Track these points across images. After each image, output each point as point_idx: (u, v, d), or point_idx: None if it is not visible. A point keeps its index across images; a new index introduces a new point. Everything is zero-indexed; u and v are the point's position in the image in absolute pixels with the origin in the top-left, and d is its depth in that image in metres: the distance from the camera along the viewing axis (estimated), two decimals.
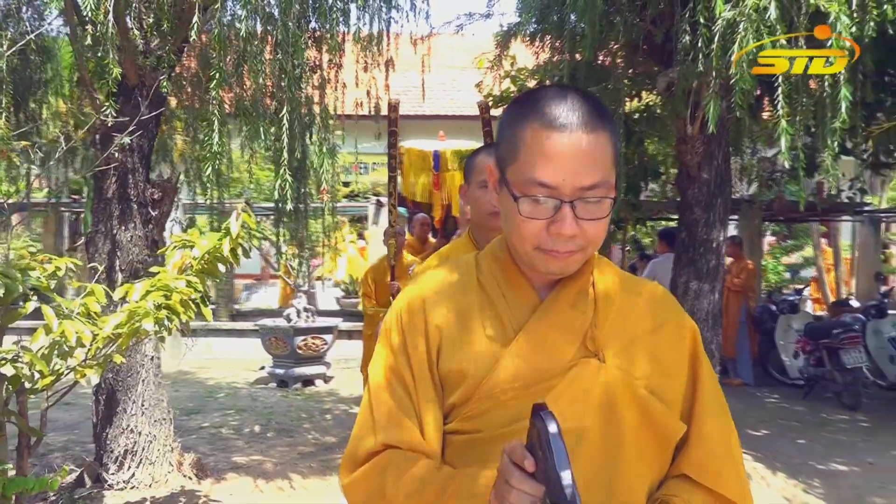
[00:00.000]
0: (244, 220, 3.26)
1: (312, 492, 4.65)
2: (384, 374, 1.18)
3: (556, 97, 1.09)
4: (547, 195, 1.06)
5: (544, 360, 1.11)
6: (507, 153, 1.12)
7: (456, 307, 1.19)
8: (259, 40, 3.97)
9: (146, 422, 4.36)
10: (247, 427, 6.41)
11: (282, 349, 8.26)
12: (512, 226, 1.12)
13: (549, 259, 1.10)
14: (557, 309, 1.15)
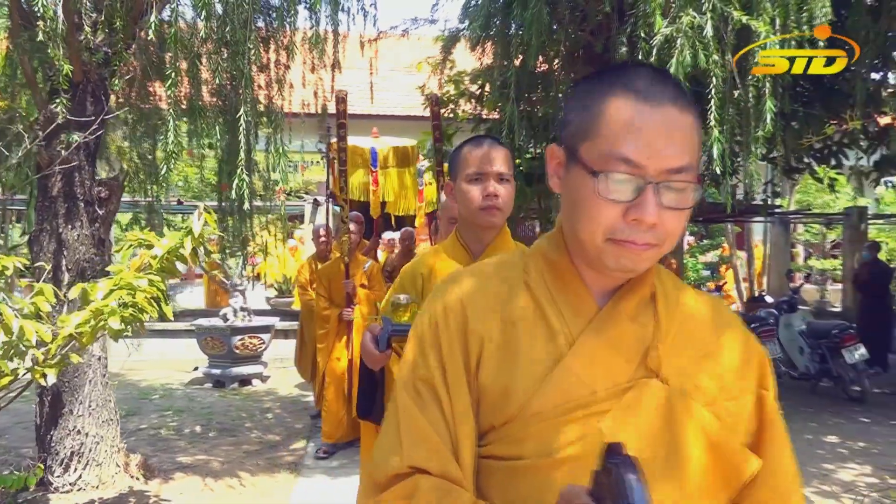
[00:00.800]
0: (206, 219, 3.31)
1: (262, 489, 4.69)
2: (413, 386, 1.03)
3: (645, 71, 0.98)
4: (630, 173, 0.92)
5: (599, 379, 0.97)
6: (583, 128, 0.98)
7: (501, 315, 1.04)
8: (213, 41, 3.98)
9: (93, 423, 4.30)
10: (187, 427, 6.35)
11: (218, 349, 8.17)
12: (581, 211, 0.97)
13: (621, 251, 0.95)
14: (616, 320, 1.01)
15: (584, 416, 0.95)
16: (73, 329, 2.99)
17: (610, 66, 1.05)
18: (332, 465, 5.19)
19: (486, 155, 1.99)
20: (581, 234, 0.99)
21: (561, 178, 1.04)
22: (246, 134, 3.75)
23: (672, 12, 3.75)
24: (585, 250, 1.00)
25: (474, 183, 1.98)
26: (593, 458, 0.82)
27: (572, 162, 0.99)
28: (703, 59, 3.60)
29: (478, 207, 1.97)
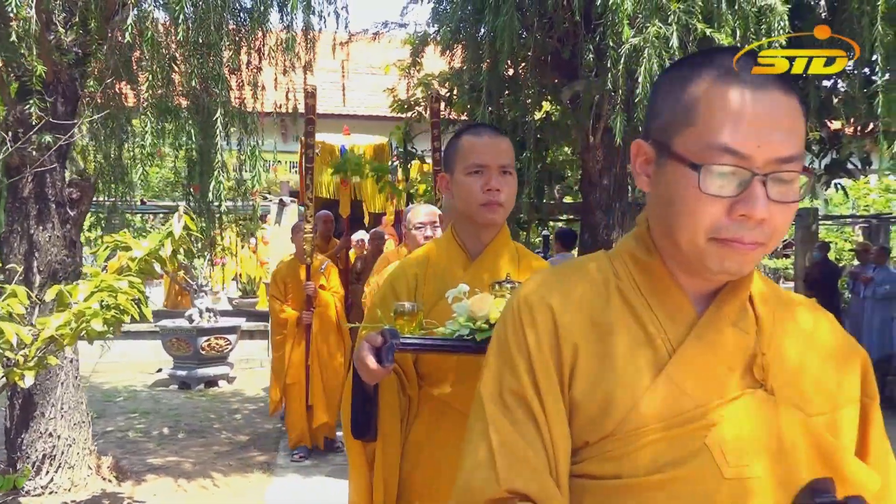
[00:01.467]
0: (186, 222, 3.34)
1: (235, 489, 4.71)
2: (501, 398, 0.94)
3: (737, 52, 0.91)
4: (735, 164, 0.85)
5: (702, 390, 0.89)
6: (677, 119, 0.90)
7: (593, 320, 0.95)
8: (188, 43, 4.00)
9: (65, 425, 4.28)
10: (155, 429, 6.32)
11: (184, 350, 8.12)
12: (679, 209, 0.89)
13: (726, 252, 0.87)
14: (719, 327, 0.93)
15: (689, 431, 0.88)
16: (54, 331, 3.00)
17: (700, 51, 1.01)
18: (305, 464, 5.22)
19: (488, 145, 1.79)
20: (679, 234, 0.90)
21: (650, 176, 0.96)
22: (225, 136, 3.78)
23: (638, 23, 3.90)
24: (683, 252, 0.92)
25: (474, 176, 1.77)
26: (698, 477, 0.80)
27: (664, 156, 0.92)
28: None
29: (478, 203, 1.77)
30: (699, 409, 0.88)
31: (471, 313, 1.55)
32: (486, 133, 1.85)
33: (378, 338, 1.57)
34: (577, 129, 5.30)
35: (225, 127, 3.85)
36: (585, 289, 0.98)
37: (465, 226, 1.87)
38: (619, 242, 1.06)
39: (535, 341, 0.94)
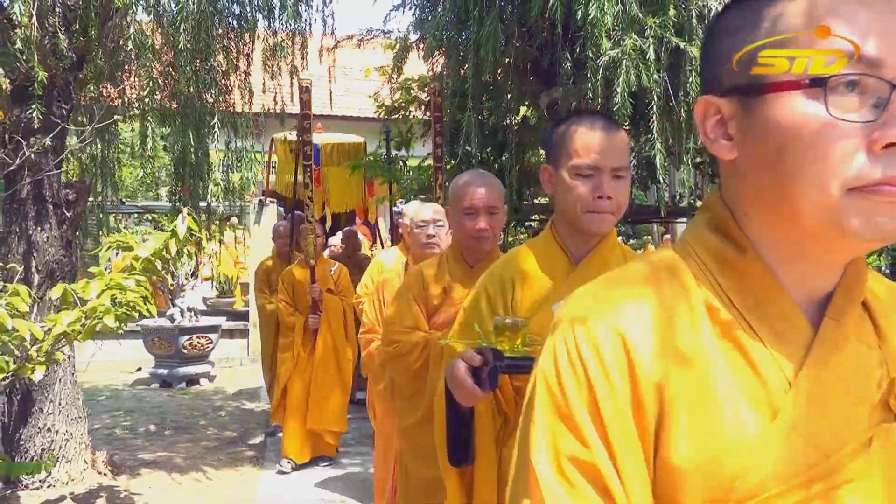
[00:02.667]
0: (189, 223, 3.49)
1: (227, 483, 4.85)
2: (559, 466, 0.68)
3: None
4: (867, 73, 0.64)
5: (828, 433, 0.67)
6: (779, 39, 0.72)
7: (679, 349, 0.69)
8: (186, 49, 4.14)
9: (63, 420, 4.39)
10: (141, 427, 6.42)
11: (166, 349, 8.20)
12: (798, 158, 0.65)
13: (876, 205, 0.63)
14: (842, 344, 0.71)
15: (820, 493, 0.66)
16: (66, 327, 3.14)
17: None
18: None
19: (602, 141, 1.56)
20: (799, 196, 0.66)
21: (734, 134, 0.73)
22: (216, 138, 3.92)
23: (615, 35, 4.14)
24: (804, 226, 0.68)
25: (582, 178, 1.56)
26: None
27: (756, 96, 0.70)
28: (646, 78, 4.01)
29: (584, 209, 1.57)
30: (828, 460, 0.66)
31: None
32: (600, 125, 1.58)
33: (476, 357, 1.42)
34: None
35: (221, 129, 4.00)
36: (661, 302, 0.72)
37: (567, 227, 1.65)
38: (690, 235, 0.79)
39: (607, 391, 0.68)
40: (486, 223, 2.27)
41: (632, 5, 4.03)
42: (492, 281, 1.70)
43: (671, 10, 4.18)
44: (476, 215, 2.27)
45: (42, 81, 3.83)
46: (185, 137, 4.56)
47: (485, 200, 2.25)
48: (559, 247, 1.67)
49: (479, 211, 2.26)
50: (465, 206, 2.26)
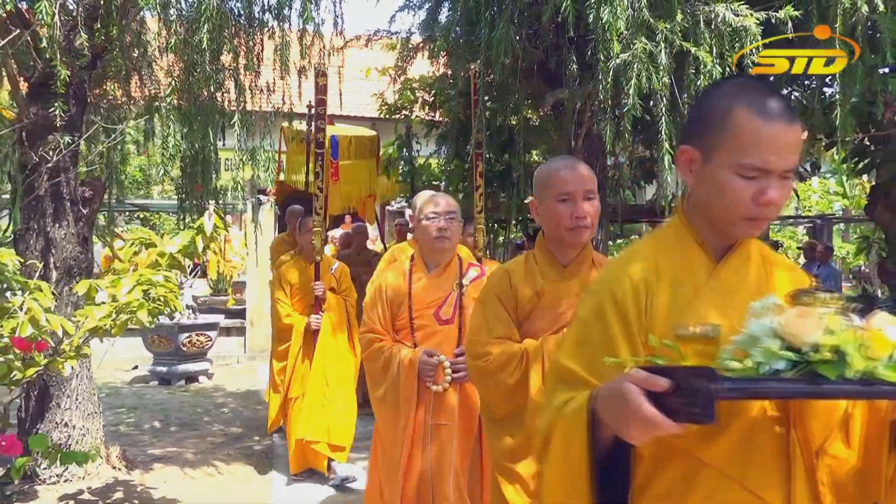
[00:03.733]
0: (215, 221, 3.56)
1: (240, 476, 4.91)
2: None
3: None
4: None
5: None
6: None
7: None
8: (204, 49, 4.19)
9: (80, 415, 4.43)
10: (146, 423, 6.45)
11: (165, 347, 8.21)
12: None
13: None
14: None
15: None
16: (98, 321, 3.19)
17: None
18: None
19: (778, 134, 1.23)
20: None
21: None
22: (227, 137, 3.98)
23: (626, 38, 4.26)
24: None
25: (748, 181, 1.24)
26: None
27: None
28: (656, 80, 4.13)
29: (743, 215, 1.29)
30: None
31: (791, 337, 1.06)
32: (776, 110, 1.22)
33: (661, 380, 1.05)
34: (560, 133, 5.65)
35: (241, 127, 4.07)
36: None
37: (705, 218, 1.35)
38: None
39: None
40: (584, 209, 2.05)
41: (642, 10, 4.14)
42: (618, 283, 1.31)
43: (678, 15, 4.30)
44: (573, 201, 2.05)
45: (64, 80, 3.87)
46: (198, 135, 4.60)
47: (581, 184, 2.06)
48: (696, 243, 1.35)
49: (576, 196, 2.04)
50: (560, 193, 2.05)
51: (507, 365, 2.09)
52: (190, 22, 4.35)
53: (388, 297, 2.89)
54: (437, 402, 2.75)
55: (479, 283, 2.85)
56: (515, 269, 2.21)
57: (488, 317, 2.18)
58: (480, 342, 2.16)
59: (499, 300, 2.17)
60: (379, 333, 2.89)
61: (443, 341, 2.83)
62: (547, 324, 2.10)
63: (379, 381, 2.86)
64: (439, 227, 2.86)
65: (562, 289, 2.13)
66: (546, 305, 2.13)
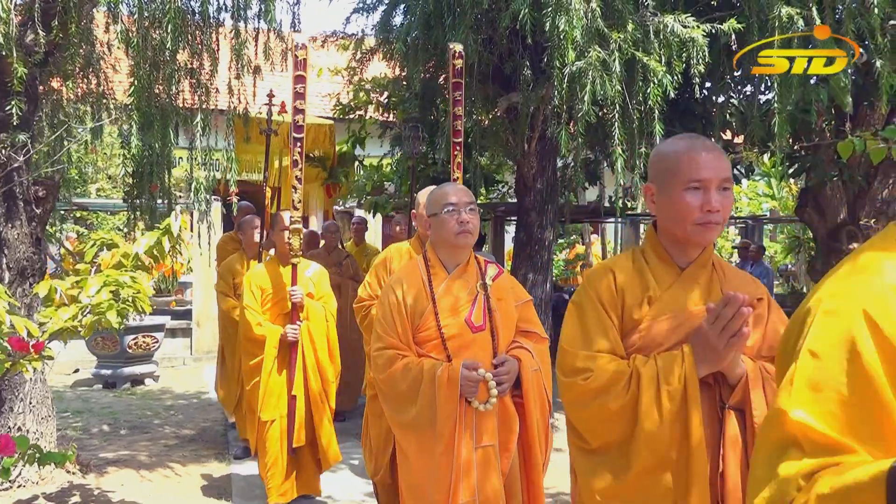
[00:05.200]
0: (181, 222, 3.56)
1: (198, 477, 4.88)
2: None
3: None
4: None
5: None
6: None
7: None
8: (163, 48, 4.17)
9: (33, 419, 4.34)
10: (94, 427, 6.31)
11: (110, 349, 8.03)
12: None
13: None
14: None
15: None
16: (63, 323, 3.16)
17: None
18: None
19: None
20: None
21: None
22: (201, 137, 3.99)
23: (580, 47, 4.43)
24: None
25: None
26: None
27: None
28: (609, 87, 4.32)
29: None
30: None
31: None
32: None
33: None
34: (514, 136, 5.82)
35: (204, 129, 4.06)
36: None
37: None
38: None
39: None
40: (718, 202, 1.67)
41: (596, 20, 4.33)
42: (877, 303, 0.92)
43: (630, 25, 4.50)
44: (705, 190, 1.66)
45: (21, 77, 3.80)
46: (157, 134, 4.57)
47: (718, 170, 1.67)
48: None
49: (709, 185, 1.66)
50: (690, 180, 1.66)
51: (613, 386, 1.67)
52: (151, 20, 4.32)
53: (408, 306, 2.50)
54: (479, 420, 2.40)
55: (501, 283, 2.61)
56: (621, 268, 1.82)
57: (588, 325, 1.76)
58: (577, 356, 1.74)
59: (601, 305, 1.76)
60: (399, 349, 2.48)
61: (479, 351, 2.47)
62: (659, 339, 1.72)
63: (407, 403, 2.43)
64: (461, 220, 2.50)
65: (678, 297, 1.74)
66: (658, 316, 1.73)
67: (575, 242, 17.31)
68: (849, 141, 2.99)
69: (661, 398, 1.62)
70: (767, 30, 4.51)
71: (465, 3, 4.73)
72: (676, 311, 1.72)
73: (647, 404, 1.63)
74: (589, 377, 1.70)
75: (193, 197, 5.33)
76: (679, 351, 1.67)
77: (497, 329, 2.50)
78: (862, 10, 4.35)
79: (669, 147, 1.77)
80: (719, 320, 1.57)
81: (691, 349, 1.65)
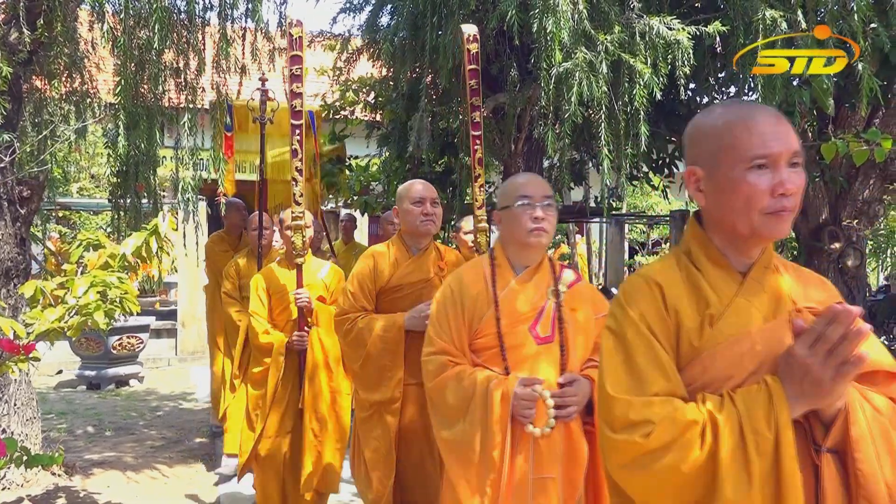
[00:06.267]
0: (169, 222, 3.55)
1: (185, 480, 4.87)
2: None
3: None
4: None
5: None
6: None
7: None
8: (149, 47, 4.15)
9: (18, 421, 4.31)
10: (78, 429, 6.27)
11: (94, 349, 7.98)
12: None
13: None
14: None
15: None
16: (50, 324, 3.14)
17: None
18: None
19: None
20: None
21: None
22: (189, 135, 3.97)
23: (567, 48, 4.45)
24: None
25: None
26: None
27: None
28: (596, 88, 4.35)
29: None
30: None
31: None
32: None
33: None
34: (500, 137, 5.83)
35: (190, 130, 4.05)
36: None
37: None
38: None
39: None
40: (793, 182, 1.30)
41: (583, 21, 4.35)
42: None
43: (616, 27, 4.54)
44: (774, 168, 1.30)
45: (5, 76, 3.78)
46: (143, 134, 4.54)
47: (788, 142, 1.30)
48: None
49: (778, 161, 1.29)
50: (754, 156, 1.30)
51: (684, 442, 1.25)
52: (136, 19, 4.29)
53: (466, 308, 2.21)
54: (538, 446, 2.06)
55: (577, 292, 2.27)
56: (668, 280, 1.40)
57: (636, 361, 1.33)
58: (631, 404, 1.29)
59: (650, 332, 1.33)
60: (452, 355, 2.19)
61: (543, 366, 2.15)
62: (728, 370, 1.31)
63: (453, 416, 2.14)
64: (535, 217, 2.19)
65: (745, 312, 1.34)
66: (723, 340, 1.32)
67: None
68: (832, 143, 3.04)
69: (748, 452, 1.21)
70: (752, 32, 4.56)
71: (453, 4, 4.74)
72: (746, 331, 1.31)
73: (729, 462, 1.22)
74: (650, 432, 1.25)
75: (179, 197, 5.30)
76: (762, 385, 1.25)
77: (567, 343, 2.17)
78: (844, 12, 4.41)
79: (717, 117, 1.38)
80: (821, 343, 1.19)
81: (779, 382, 1.24)
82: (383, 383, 2.90)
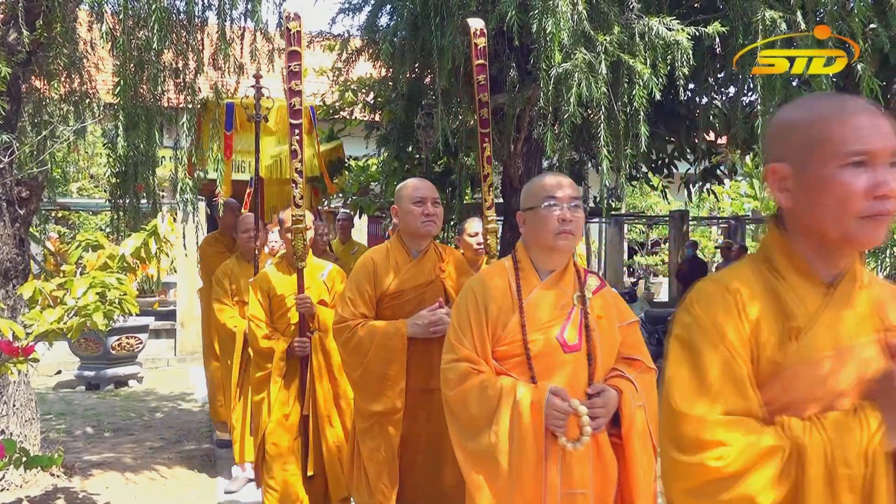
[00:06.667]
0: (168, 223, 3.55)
1: (185, 481, 4.86)
2: None
3: None
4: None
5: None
6: None
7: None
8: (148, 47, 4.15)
9: (17, 422, 4.31)
10: (77, 430, 6.27)
11: (93, 350, 7.97)
12: None
13: None
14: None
15: None
16: (49, 325, 3.14)
17: None
18: None
19: None
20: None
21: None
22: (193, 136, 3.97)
23: (567, 49, 4.45)
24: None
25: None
26: None
27: None
28: (595, 89, 4.35)
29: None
30: None
31: None
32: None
33: None
34: (500, 137, 5.83)
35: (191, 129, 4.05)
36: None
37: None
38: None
39: None
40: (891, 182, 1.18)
41: (583, 22, 4.35)
42: None
43: (616, 28, 4.54)
44: (872, 166, 1.18)
45: (4, 77, 3.77)
46: (142, 134, 4.54)
47: (887, 138, 1.19)
48: None
49: (876, 158, 1.18)
50: (850, 152, 1.17)
51: (764, 470, 1.13)
52: (135, 19, 4.29)
53: (490, 314, 2.10)
54: (566, 460, 1.97)
55: (602, 298, 2.18)
56: (745, 285, 1.26)
57: (709, 375, 1.20)
58: (704, 423, 1.17)
59: (726, 344, 1.21)
60: (475, 363, 2.08)
61: (571, 376, 2.05)
62: (815, 392, 1.19)
63: (477, 427, 2.03)
64: (563, 218, 2.09)
65: (833, 327, 1.22)
66: (809, 357, 1.20)
67: None
68: None
69: (837, 487, 1.08)
70: (751, 33, 4.56)
71: (453, 5, 4.74)
72: (833, 349, 1.18)
73: (814, 497, 1.10)
74: (725, 456, 1.13)
75: (179, 197, 5.29)
76: (856, 412, 1.13)
77: (595, 351, 2.08)
78: (843, 13, 4.42)
79: (808, 110, 1.24)
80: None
81: (876, 409, 1.12)
82: (384, 393, 2.78)
